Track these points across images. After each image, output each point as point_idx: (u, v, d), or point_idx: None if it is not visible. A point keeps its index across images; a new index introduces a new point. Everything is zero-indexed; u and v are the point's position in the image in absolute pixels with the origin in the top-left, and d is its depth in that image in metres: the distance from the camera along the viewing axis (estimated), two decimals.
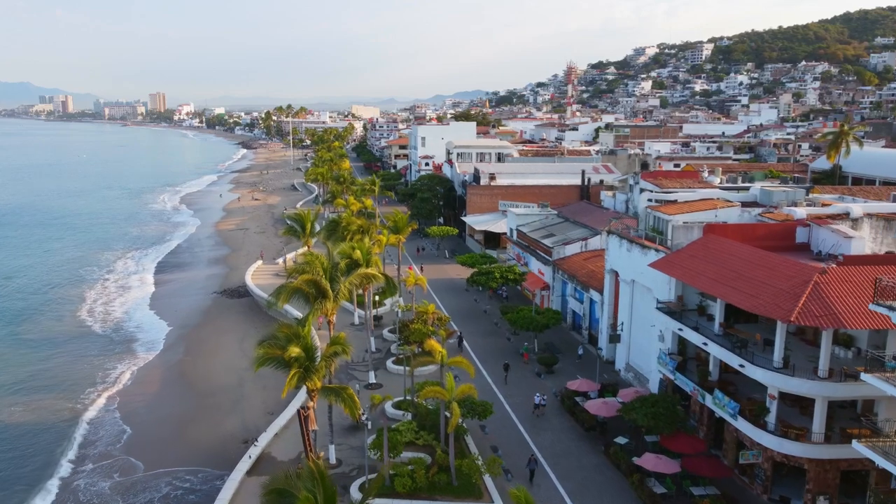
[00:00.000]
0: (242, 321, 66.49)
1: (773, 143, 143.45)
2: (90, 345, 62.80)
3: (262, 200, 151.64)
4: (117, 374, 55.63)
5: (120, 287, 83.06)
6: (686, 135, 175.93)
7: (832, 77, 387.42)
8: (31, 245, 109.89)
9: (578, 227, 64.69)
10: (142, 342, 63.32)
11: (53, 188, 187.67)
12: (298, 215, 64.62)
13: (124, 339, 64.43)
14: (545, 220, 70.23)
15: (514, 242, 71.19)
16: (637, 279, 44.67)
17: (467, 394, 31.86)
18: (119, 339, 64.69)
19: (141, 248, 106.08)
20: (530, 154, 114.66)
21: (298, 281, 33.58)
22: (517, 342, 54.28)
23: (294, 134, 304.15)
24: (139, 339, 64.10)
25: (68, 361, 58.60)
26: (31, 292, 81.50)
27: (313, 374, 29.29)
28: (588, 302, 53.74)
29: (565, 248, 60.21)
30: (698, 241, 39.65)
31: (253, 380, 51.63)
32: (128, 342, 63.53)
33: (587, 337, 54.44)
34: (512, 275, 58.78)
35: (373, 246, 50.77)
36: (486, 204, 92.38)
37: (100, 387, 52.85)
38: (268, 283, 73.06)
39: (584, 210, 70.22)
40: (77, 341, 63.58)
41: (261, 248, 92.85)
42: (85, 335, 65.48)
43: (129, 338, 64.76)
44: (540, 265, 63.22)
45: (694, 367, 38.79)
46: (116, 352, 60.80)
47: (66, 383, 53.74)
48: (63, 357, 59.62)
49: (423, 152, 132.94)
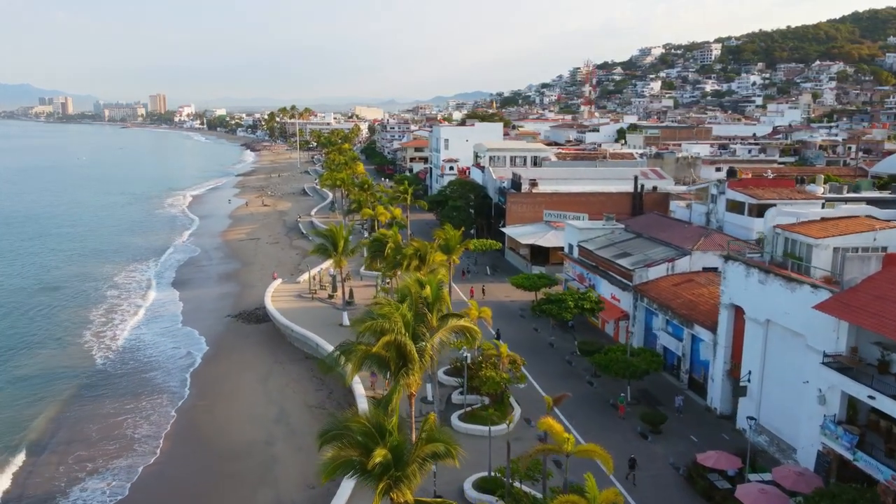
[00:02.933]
0: (264, 353, 57.04)
1: (818, 145, 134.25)
2: (87, 383, 53.26)
3: (272, 206, 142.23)
4: (116, 424, 46.12)
5: (121, 310, 73.27)
6: (717, 136, 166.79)
7: (848, 77, 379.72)
8: (23, 258, 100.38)
9: (656, 244, 55.29)
10: (145, 381, 53.69)
11: (50, 194, 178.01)
12: (330, 231, 55.17)
13: (125, 374, 54.86)
14: (612, 234, 60.84)
15: (574, 261, 61.80)
16: (776, 320, 35.32)
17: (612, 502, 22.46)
18: (119, 374, 55.07)
19: (143, 261, 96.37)
20: (568, 157, 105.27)
21: (378, 346, 24.21)
22: (603, 388, 44.92)
23: (300, 136, 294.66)
24: (142, 378, 54.45)
25: (60, 406, 49.17)
26: (21, 312, 71.99)
27: (403, 484, 20.04)
28: (689, 339, 44.35)
29: (649, 270, 50.81)
30: (880, 275, 30.30)
31: (285, 437, 42.46)
32: (130, 381, 53.91)
33: (686, 381, 45.05)
34: (588, 303, 49.34)
35: (435, 274, 41.48)
36: (528, 213, 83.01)
37: (93, 446, 43.23)
38: (290, 307, 63.75)
39: (656, 224, 60.86)
40: (72, 380, 53.96)
41: (273, 268, 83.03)
42: (84, 372, 55.76)
43: (132, 374, 55.18)
44: (614, 290, 53.84)
45: (875, 441, 29.51)
46: (117, 395, 51.17)
47: (55, 441, 44.29)
48: (52, 399, 50.19)
49: (447, 155, 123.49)
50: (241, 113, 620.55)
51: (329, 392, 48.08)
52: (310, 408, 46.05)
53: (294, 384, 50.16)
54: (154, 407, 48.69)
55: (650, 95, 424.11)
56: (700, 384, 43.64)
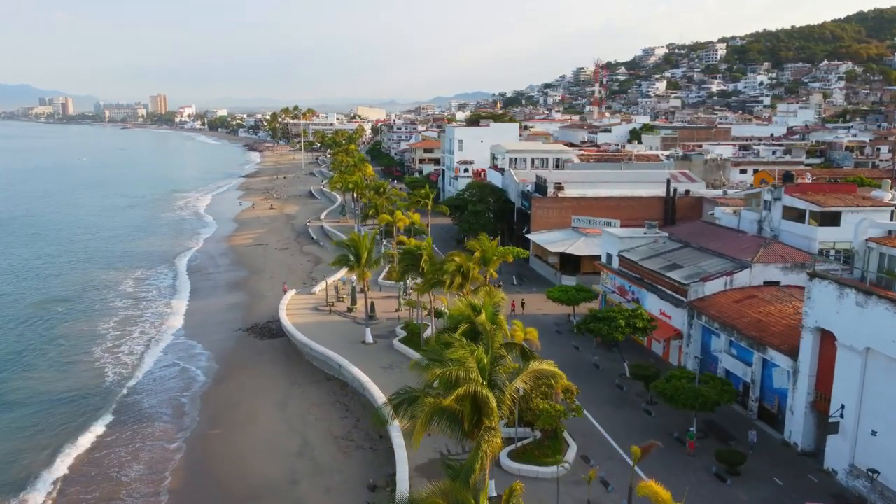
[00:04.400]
0: (280, 373, 52.44)
1: (844, 146, 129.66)
2: (86, 409, 48.62)
3: (279, 209, 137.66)
4: (117, 459, 41.51)
5: (121, 324, 68.54)
6: (736, 137, 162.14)
7: (857, 77, 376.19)
8: (21, 265, 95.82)
9: (708, 255, 50.73)
10: (150, 405, 49.01)
11: (50, 196, 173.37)
12: (353, 240, 50.55)
13: (128, 397, 50.18)
14: (655, 244, 56.28)
15: (614, 272, 57.21)
16: (879, 349, 30.77)
17: None
18: (121, 397, 50.30)
19: (148, 268, 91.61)
20: (591, 159, 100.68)
21: (450, 400, 19.61)
22: (662, 417, 40.35)
23: (303, 136, 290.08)
24: (146, 401, 49.71)
25: (55, 437, 44.60)
26: (18, 327, 67.40)
27: None
28: (759, 364, 39.76)
29: (705, 285, 46.25)
30: None
31: (311, 473, 37.94)
32: (133, 405, 49.25)
33: (756, 411, 40.46)
34: (641, 322, 44.75)
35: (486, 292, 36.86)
36: (554, 219, 78.46)
37: (93, 484, 38.67)
38: (307, 322, 59.20)
39: (704, 232, 56.30)
40: (69, 405, 49.24)
41: (284, 278, 78.39)
42: (82, 396, 51.15)
43: (135, 396, 50.56)
44: (664, 305, 49.27)
45: None
46: (119, 422, 46.49)
47: (48, 481, 39.68)
48: (48, 431, 45.62)
49: (461, 157, 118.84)
50: (241, 113, 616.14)
51: (356, 420, 43.50)
52: (336, 439, 41.47)
53: (316, 410, 45.58)
54: (160, 435, 44.06)
55: (655, 95, 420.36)
56: (773, 415, 39.06)
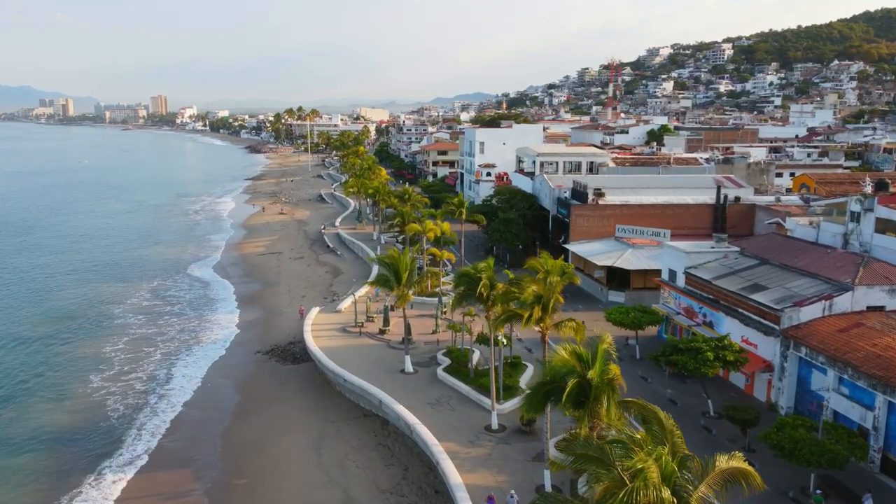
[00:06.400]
0: (309, 406, 46.46)
1: (883, 148, 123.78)
2: (87, 452, 42.70)
3: (289, 214, 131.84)
4: None
5: (130, 343, 62.77)
6: (761, 139, 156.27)
7: (868, 77, 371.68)
8: (20, 277, 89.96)
9: (795, 274, 44.83)
10: (166, 446, 43.16)
11: (51, 200, 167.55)
12: (392, 258, 44.62)
13: (138, 437, 44.31)
14: (725, 259, 50.40)
15: (680, 290, 51.29)
16: None
17: None
18: (128, 436, 44.40)
19: (156, 279, 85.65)
20: (627, 163, 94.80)
21: None
22: (768, 470, 34.30)
23: (309, 138, 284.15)
24: (161, 441, 43.85)
25: (51, 486, 38.67)
26: (16, 350, 61.49)
27: None
28: (885, 408, 33.84)
29: (800, 310, 40.36)
30: None
31: None
32: (143, 444, 43.41)
33: (879, 463, 34.53)
34: (731, 354, 38.76)
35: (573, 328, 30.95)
36: (595, 228, 72.70)
37: None
38: (336, 346, 53.25)
39: (782, 247, 50.35)
40: (68, 445, 43.30)
41: (302, 295, 72.58)
42: (83, 434, 45.16)
43: (146, 434, 44.71)
44: (748, 332, 43.35)
45: None
46: (130, 468, 40.52)
47: None
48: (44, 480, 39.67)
49: (482, 160, 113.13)
50: (242, 115, 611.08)
51: (404, 469, 37.53)
52: (383, 493, 35.50)
53: (356, 455, 39.58)
54: (175, 487, 38.05)
55: (663, 96, 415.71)
56: None
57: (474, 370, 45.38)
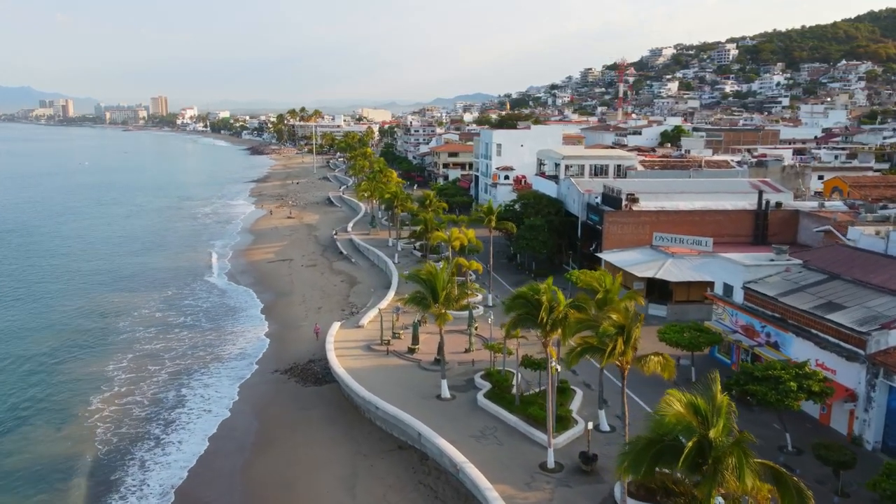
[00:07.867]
0: (338, 437, 42.07)
1: None
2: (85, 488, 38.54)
3: (298, 218, 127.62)
4: None
5: (135, 361, 58.51)
6: (782, 139, 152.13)
7: (877, 76, 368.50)
8: (18, 287, 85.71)
9: (872, 291, 40.65)
10: (178, 485, 38.87)
11: (51, 203, 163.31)
12: (429, 274, 40.42)
13: (139, 470, 40.15)
14: (787, 273, 46.22)
15: (738, 307, 47.10)
16: None
17: None
18: (130, 472, 40.27)
19: (159, 290, 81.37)
20: (656, 166, 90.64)
21: None
22: None
23: (313, 139, 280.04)
24: (167, 477, 39.63)
25: None
26: (12, 368, 57.25)
27: None
28: None
29: (889, 332, 36.19)
30: None
31: None
32: (150, 479, 39.23)
33: None
34: (816, 384, 34.54)
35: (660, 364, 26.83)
36: (630, 236, 68.50)
37: None
38: (362, 367, 48.99)
39: (851, 260, 46.17)
40: (64, 481, 39.12)
41: (318, 305, 68.45)
42: (81, 467, 41.02)
43: (150, 464, 40.49)
44: (825, 356, 39.11)
45: None
46: None
47: None
48: None
49: (500, 162, 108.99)
50: (243, 115, 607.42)
51: None
52: None
53: (395, 496, 35.27)
54: None
55: (669, 96, 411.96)
56: None
57: (520, 397, 41.18)
